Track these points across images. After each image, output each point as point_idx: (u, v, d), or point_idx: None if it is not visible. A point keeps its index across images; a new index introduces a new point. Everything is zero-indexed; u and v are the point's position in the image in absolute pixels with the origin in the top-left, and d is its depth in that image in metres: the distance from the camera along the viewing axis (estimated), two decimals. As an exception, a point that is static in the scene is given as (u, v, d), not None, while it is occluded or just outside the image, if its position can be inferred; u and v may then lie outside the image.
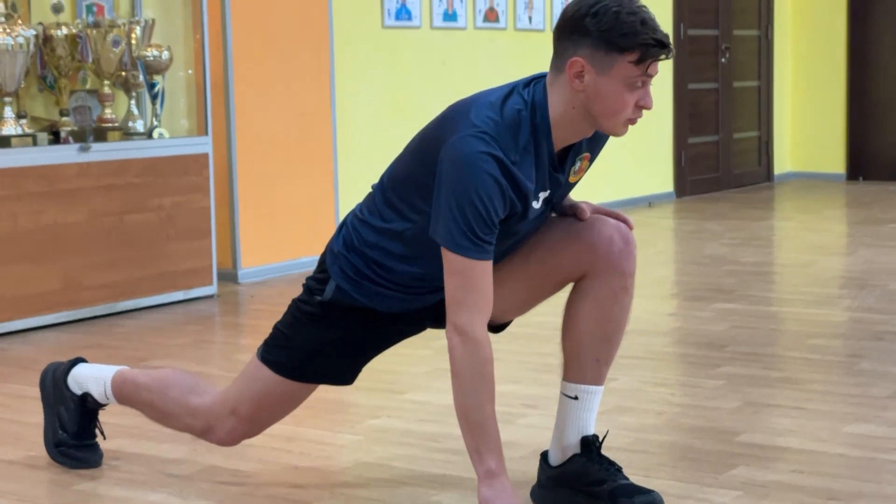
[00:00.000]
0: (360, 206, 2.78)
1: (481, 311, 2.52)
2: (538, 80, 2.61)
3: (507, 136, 2.49)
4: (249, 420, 2.87)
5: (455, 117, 2.55)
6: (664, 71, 9.41)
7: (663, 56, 2.49)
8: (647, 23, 2.47)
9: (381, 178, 2.76)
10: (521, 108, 2.53)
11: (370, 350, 2.85)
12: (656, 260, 6.64)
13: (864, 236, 7.49)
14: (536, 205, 2.59)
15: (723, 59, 10.02)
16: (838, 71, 10.62)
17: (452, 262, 2.49)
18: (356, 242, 2.70)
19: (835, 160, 10.73)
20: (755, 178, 10.58)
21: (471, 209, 2.45)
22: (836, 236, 7.65)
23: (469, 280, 2.49)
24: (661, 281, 5.91)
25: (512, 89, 2.58)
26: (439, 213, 2.50)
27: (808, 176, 10.87)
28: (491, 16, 7.73)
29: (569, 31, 2.50)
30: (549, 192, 2.62)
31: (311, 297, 2.78)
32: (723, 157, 10.14)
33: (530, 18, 8.05)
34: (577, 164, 2.67)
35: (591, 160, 2.72)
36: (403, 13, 7.11)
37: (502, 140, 2.48)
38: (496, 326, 2.83)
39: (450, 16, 7.43)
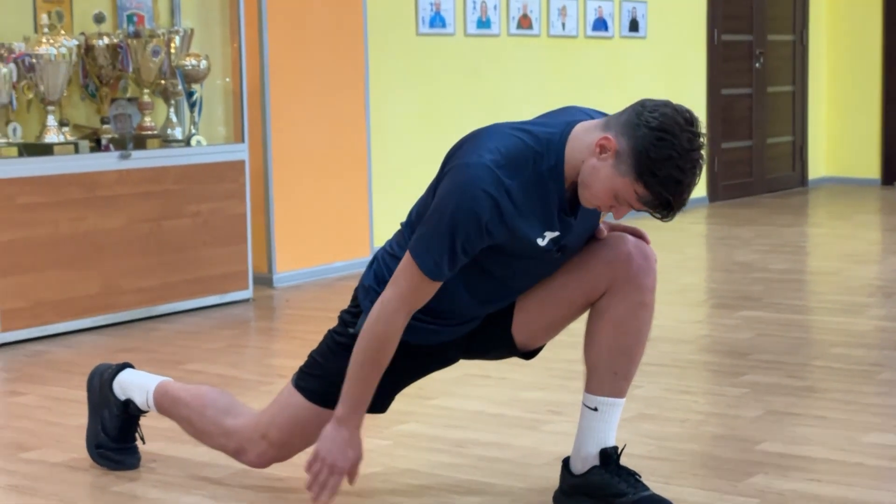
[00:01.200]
0: (391, 242, 2.85)
1: (406, 310, 2.64)
2: (570, 122, 2.63)
3: (512, 172, 2.54)
4: (280, 445, 2.95)
5: (468, 143, 2.62)
6: (698, 76, 9.45)
7: (658, 216, 2.53)
8: (681, 185, 2.48)
9: (409, 214, 2.81)
10: (535, 145, 2.58)
11: (401, 381, 2.92)
12: (686, 266, 6.68)
13: (895, 244, 7.50)
14: (542, 242, 2.63)
15: (757, 65, 10.03)
16: (873, 76, 10.60)
17: (410, 267, 2.60)
18: (387, 277, 2.76)
19: (869, 165, 10.71)
20: (789, 183, 10.58)
21: (448, 241, 2.54)
22: (868, 243, 7.63)
23: (416, 289, 2.62)
24: (689, 288, 5.95)
25: (534, 122, 2.63)
26: (424, 224, 2.59)
27: (842, 181, 10.84)
28: (524, 23, 7.79)
29: (634, 119, 2.51)
30: (557, 233, 2.64)
31: (344, 329, 2.86)
32: (756, 162, 10.15)
33: (563, 25, 8.10)
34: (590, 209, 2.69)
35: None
36: (437, 21, 7.19)
37: (505, 175, 2.53)
38: (527, 353, 2.90)
39: (483, 23, 7.50)
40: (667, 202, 2.49)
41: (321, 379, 2.88)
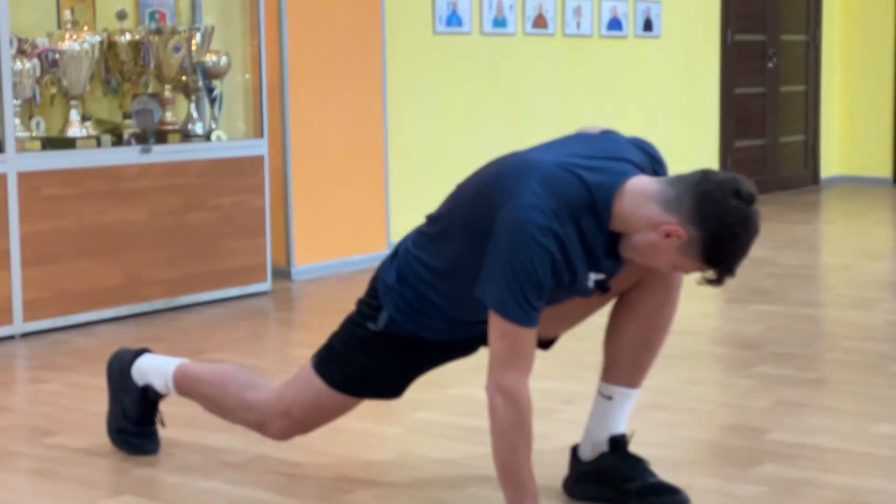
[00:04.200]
0: (414, 238, 2.82)
1: (525, 373, 2.56)
2: (613, 160, 2.61)
3: (565, 211, 2.52)
4: (301, 422, 3.01)
5: (514, 179, 2.56)
6: (711, 75, 9.49)
7: (716, 285, 2.57)
8: (740, 263, 2.54)
9: (436, 213, 2.79)
10: (583, 189, 2.54)
11: (421, 370, 2.97)
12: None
13: (907, 240, 7.54)
14: (589, 283, 2.64)
15: (770, 64, 10.06)
16: (886, 75, 10.61)
17: (500, 325, 2.53)
18: (410, 278, 2.78)
19: (882, 164, 10.71)
20: (801, 182, 10.60)
21: (524, 277, 2.48)
22: (880, 240, 7.66)
23: (515, 344, 2.54)
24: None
25: (581, 159, 2.59)
26: (491, 275, 2.52)
27: (854, 179, 10.85)
28: (540, 22, 7.83)
29: (704, 210, 2.49)
30: (603, 276, 2.65)
31: (364, 322, 2.88)
32: (769, 160, 10.18)
33: (578, 24, 8.14)
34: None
35: None
36: (454, 20, 7.25)
37: (560, 214, 2.51)
38: (546, 342, 2.93)
39: (499, 22, 7.55)
40: (729, 275, 2.55)
41: (341, 367, 2.93)
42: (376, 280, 2.89)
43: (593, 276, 2.63)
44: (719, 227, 2.48)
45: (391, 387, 2.98)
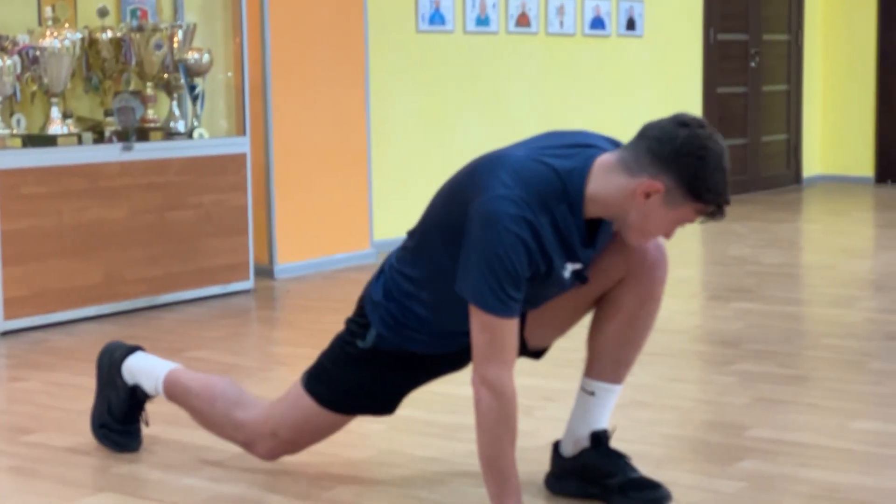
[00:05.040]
0: (397, 254, 2.84)
1: (508, 365, 2.57)
2: (582, 147, 2.62)
3: (537, 200, 2.53)
4: (288, 442, 3.01)
5: (485, 174, 2.57)
6: (694, 74, 9.52)
7: (719, 217, 2.57)
8: (727, 185, 2.54)
9: (415, 226, 2.80)
10: (553, 176, 2.55)
11: (411, 386, 2.97)
12: (680, 260, 6.71)
13: (888, 239, 7.56)
14: (566, 274, 2.64)
15: (752, 64, 10.09)
16: (868, 75, 10.65)
17: (480, 318, 2.54)
18: (395, 293, 2.79)
19: (864, 163, 10.76)
20: (784, 181, 10.64)
21: (500, 267, 2.49)
22: (862, 239, 7.70)
23: (496, 337, 2.55)
24: (684, 280, 6.00)
25: (549, 150, 2.60)
26: (468, 270, 2.53)
27: (836, 179, 10.89)
28: (522, 21, 7.84)
29: (662, 152, 2.51)
30: (580, 265, 2.66)
31: (353, 340, 2.88)
32: (751, 159, 10.21)
33: (561, 23, 8.16)
34: (605, 241, 2.72)
35: None
36: (437, 18, 7.25)
37: (531, 203, 2.52)
38: (537, 352, 2.94)
39: (482, 21, 7.56)
40: (724, 204, 2.54)
41: (331, 386, 2.93)
42: (364, 298, 2.89)
43: (570, 267, 2.63)
44: (684, 161, 2.49)
45: (382, 404, 2.98)
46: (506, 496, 2.62)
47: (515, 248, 2.49)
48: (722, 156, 2.52)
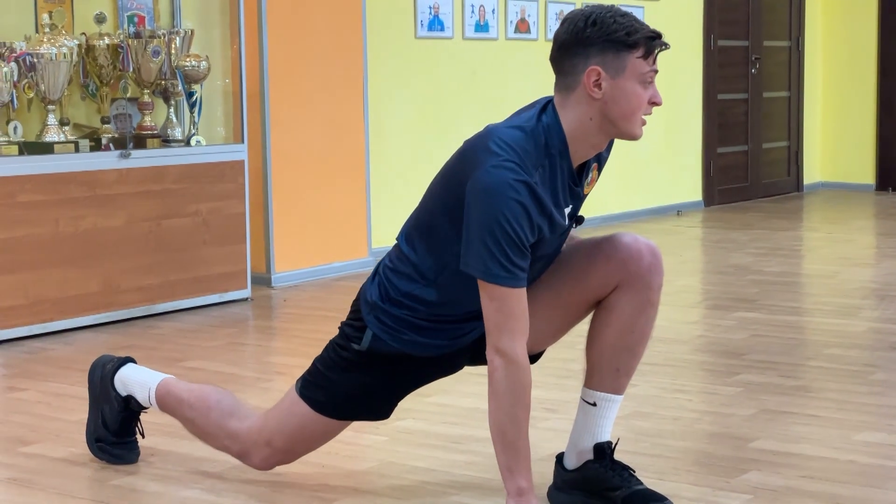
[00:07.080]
0: (391, 254, 2.85)
1: (521, 335, 2.61)
2: (545, 104, 2.71)
3: (528, 161, 2.58)
4: (284, 451, 2.98)
5: (475, 151, 2.63)
6: (694, 81, 9.50)
7: (664, 47, 2.65)
8: (638, 20, 2.64)
9: (406, 225, 2.82)
10: (538, 132, 2.63)
11: (406, 390, 2.95)
12: (682, 269, 6.72)
13: (890, 248, 7.54)
14: (563, 220, 2.68)
15: (753, 70, 10.07)
16: (869, 82, 10.64)
17: (489, 290, 2.58)
18: (391, 293, 2.78)
19: (864, 171, 10.75)
20: (784, 188, 10.62)
21: (503, 236, 2.53)
22: (863, 247, 7.68)
23: (506, 307, 2.58)
24: (686, 290, 5.99)
25: (523, 116, 2.69)
26: (470, 245, 2.56)
27: (837, 186, 10.89)
28: (522, 27, 7.83)
29: (573, 47, 2.61)
30: (571, 207, 2.70)
31: (348, 344, 2.86)
32: (752, 167, 10.20)
33: (561, 29, 8.15)
34: (589, 176, 2.77)
35: (600, 170, 2.82)
36: (436, 24, 7.23)
37: (525, 165, 2.56)
38: (531, 356, 2.89)
39: (481, 27, 7.54)
40: (653, 35, 2.64)
41: (326, 390, 2.90)
42: (358, 301, 2.87)
43: (566, 211, 2.69)
44: (590, 35, 2.59)
45: (377, 408, 2.95)
46: (517, 469, 2.64)
47: (517, 215, 2.53)
48: (612, 8, 2.63)
